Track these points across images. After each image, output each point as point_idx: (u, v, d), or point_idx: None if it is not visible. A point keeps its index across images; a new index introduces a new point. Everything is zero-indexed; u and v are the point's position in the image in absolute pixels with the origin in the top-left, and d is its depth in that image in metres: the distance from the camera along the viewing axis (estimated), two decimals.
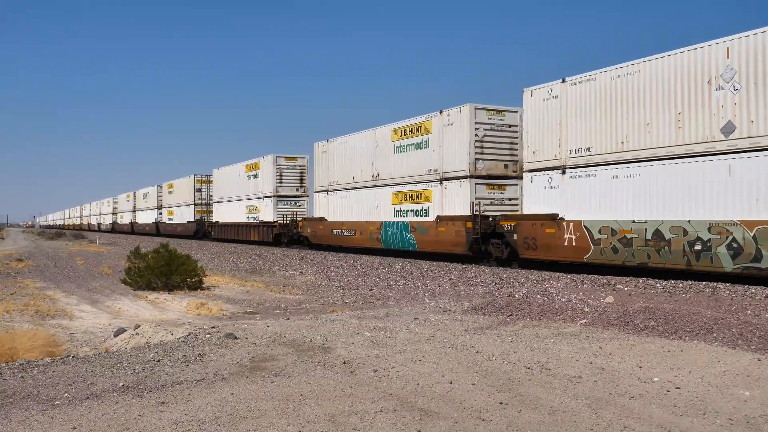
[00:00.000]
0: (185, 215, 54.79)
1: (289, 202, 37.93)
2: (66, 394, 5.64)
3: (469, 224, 20.41)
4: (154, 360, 6.84)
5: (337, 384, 5.86)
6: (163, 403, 5.34)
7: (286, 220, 36.20)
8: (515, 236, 18.66)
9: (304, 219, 34.52)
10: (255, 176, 40.26)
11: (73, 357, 7.30)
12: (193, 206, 53.04)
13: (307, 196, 37.90)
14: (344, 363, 6.69)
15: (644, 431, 4.59)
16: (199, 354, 7.10)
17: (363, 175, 27.75)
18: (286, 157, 38.18)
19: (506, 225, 19.13)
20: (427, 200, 23.31)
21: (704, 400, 5.31)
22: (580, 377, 6.05)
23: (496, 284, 15.18)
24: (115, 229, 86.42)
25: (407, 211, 24.49)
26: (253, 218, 40.16)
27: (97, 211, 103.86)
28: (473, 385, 5.80)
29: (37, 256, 29.30)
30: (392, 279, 17.42)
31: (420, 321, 9.58)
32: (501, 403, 5.23)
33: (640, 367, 6.43)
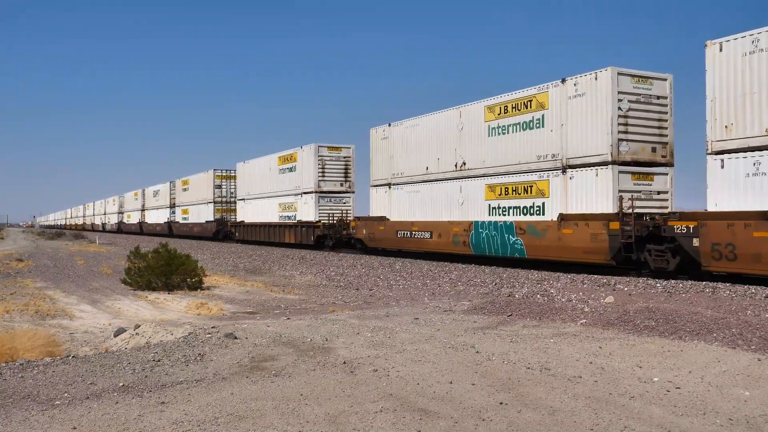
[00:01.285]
0: (203, 214, 49.46)
1: (333, 199, 32.55)
2: (66, 394, 5.64)
3: (614, 225, 15.83)
4: (154, 360, 6.84)
5: (337, 384, 5.86)
6: (163, 403, 5.34)
7: (332, 220, 31.04)
8: (696, 242, 13.99)
9: (358, 219, 28.79)
10: (291, 170, 34.86)
11: (73, 357, 7.30)
12: (212, 204, 47.47)
13: (353, 192, 33.07)
14: (344, 363, 6.69)
15: (644, 431, 4.59)
16: (199, 354, 7.11)
17: (442, 165, 22.67)
18: (329, 147, 32.72)
19: (679, 226, 14.43)
20: (542, 194, 18.32)
21: (704, 400, 5.31)
22: (580, 377, 6.05)
23: (496, 284, 15.19)
24: (121, 229, 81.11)
25: (510, 208, 19.40)
26: (289, 217, 34.99)
27: (102, 210, 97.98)
28: (473, 385, 5.80)
29: (37, 256, 29.31)
30: (392, 279, 17.42)
31: (420, 321, 9.58)
32: (501, 403, 5.23)
33: (640, 367, 6.43)
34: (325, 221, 31.28)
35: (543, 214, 18.32)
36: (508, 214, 19.53)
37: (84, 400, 5.45)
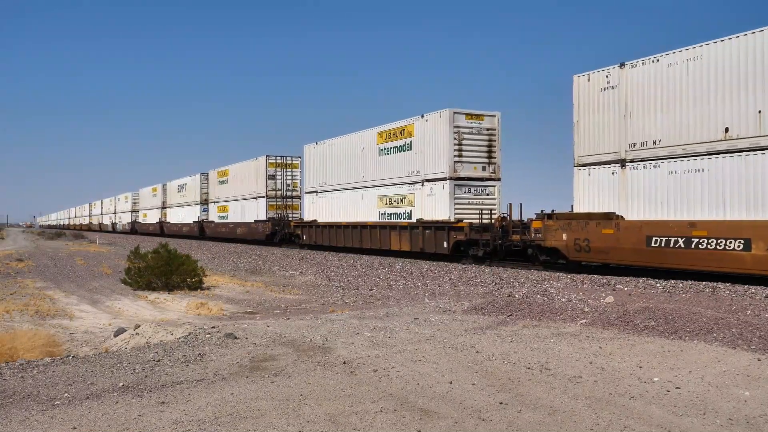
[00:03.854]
0: (250, 212, 40.22)
1: (473, 189, 22.50)
2: (66, 394, 5.64)
3: None
4: (154, 360, 6.85)
5: (337, 384, 5.87)
6: (163, 403, 5.34)
7: (489, 219, 21.00)
8: None
9: (547, 216, 18.00)
10: (402, 148, 24.92)
11: (73, 357, 7.31)
12: (264, 199, 38.10)
13: (499, 179, 23.02)
14: (344, 363, 6.69)
15: (644, 431, 4.60)
16: (199, 354, 7.11)
17: None
18: (467, 115, 22.46)
19: None
20: None
21: (704, 400, 5.31)
22: (580, 377, 6.05)
23: (496, 284, 15.18)
24: (136, 229, 71.44)
25: None
26: (398, 215, 25.12)
27: (111, 209, 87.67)
28: (473, 385, 5.80)
29: (37, 256, 29.31)
30: (392, 279, 17.42)
31: (420, 321, 9.58)
32: (501, 403, 5.23)
33: (640, 367, 6.43)
34: (474, 221, 21.31)
35: None
36: None
37: (84, 400, 5.45)
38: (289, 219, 36.77)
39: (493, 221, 20.77)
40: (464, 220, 21.75)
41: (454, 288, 14.99)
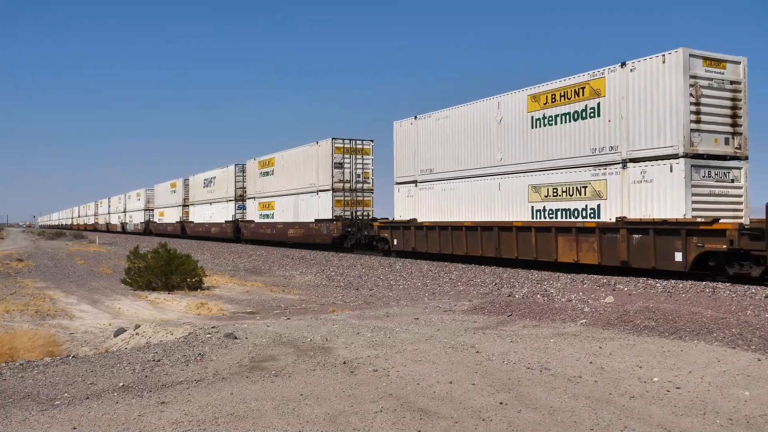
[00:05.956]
0: (308, 209, 32.69)
1: (714, 174, 14.95)
2: (66, 394, 5.64)
3: None
4: (154, 360, 6.85)
5: (337, 384, 5.87)
6: (163, 403, 5.34)
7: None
8: None
9: None
10: (579, 115, 17.33)
11: (73, 357, 7.31)
12: (329, 193, 30.55)
13: (746, 158, 15.38)
14: (344, 363, 6.69)
15: (644, 431, 4.60)
16: (199, 354, 7.11)
17: None
18: (706, 59, 14.95)
19: None
20: None
21: (704, 400, 5.31)
22: (580, 377, 6.05)
23: (496, 284, 15.19)
24: (150, 230, 64.14)
25: None
26: (571, 212, 17.43)
27: (121, 208, 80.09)
28: (473, 385, 5.80)
29: (37, 256, 29.31)
30: (392, 279, 17.43)
31: (420, 321, 9.58)
32: (501, 403, 5.23)
33: (640, 367, 6.43)
34: (735, 221, 14.39)
35: None
36: None
37: (84, 400, 5.45)
38: (369, 218, 29.57)
39: None
40: (721, 220, 14.31)
41: (454, 288, 14.99)
